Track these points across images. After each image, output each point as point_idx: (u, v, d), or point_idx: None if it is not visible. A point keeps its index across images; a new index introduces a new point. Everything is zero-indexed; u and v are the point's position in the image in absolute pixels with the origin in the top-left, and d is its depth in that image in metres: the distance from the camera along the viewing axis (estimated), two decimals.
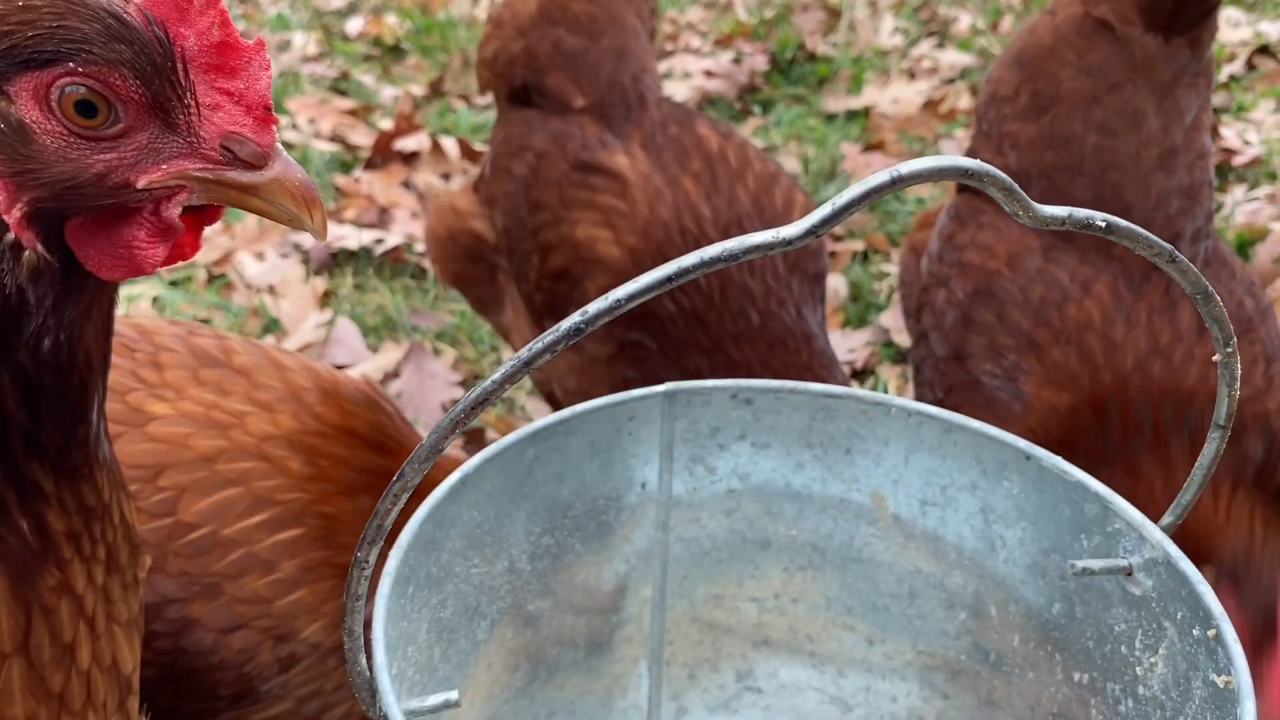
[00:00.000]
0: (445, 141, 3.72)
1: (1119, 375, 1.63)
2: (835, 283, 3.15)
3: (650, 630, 1.37)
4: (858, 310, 3.06)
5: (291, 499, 1.38)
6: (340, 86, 4.42)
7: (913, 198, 3.56)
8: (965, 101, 4.21)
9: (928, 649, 1.33)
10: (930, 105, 4.15)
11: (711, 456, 1.29)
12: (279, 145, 0.82)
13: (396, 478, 0.72)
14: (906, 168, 0.62)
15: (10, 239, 0.78)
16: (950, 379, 1.80)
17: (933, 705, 1.35)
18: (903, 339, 2.90)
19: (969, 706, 1.32)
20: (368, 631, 0.87)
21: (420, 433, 1.57)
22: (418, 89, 4.39)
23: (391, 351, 2.77)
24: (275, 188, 0.80)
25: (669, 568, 1.34)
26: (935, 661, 1.33)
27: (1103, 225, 0.72)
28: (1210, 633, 0.98)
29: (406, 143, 3.70)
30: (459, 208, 2.27)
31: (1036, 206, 0.69)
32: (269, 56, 0.82)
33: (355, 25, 4.93)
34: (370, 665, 0.83)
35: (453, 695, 0.88)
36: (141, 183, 0.80)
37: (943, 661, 1.33)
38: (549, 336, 0.63)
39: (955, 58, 4.62)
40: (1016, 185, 0.67)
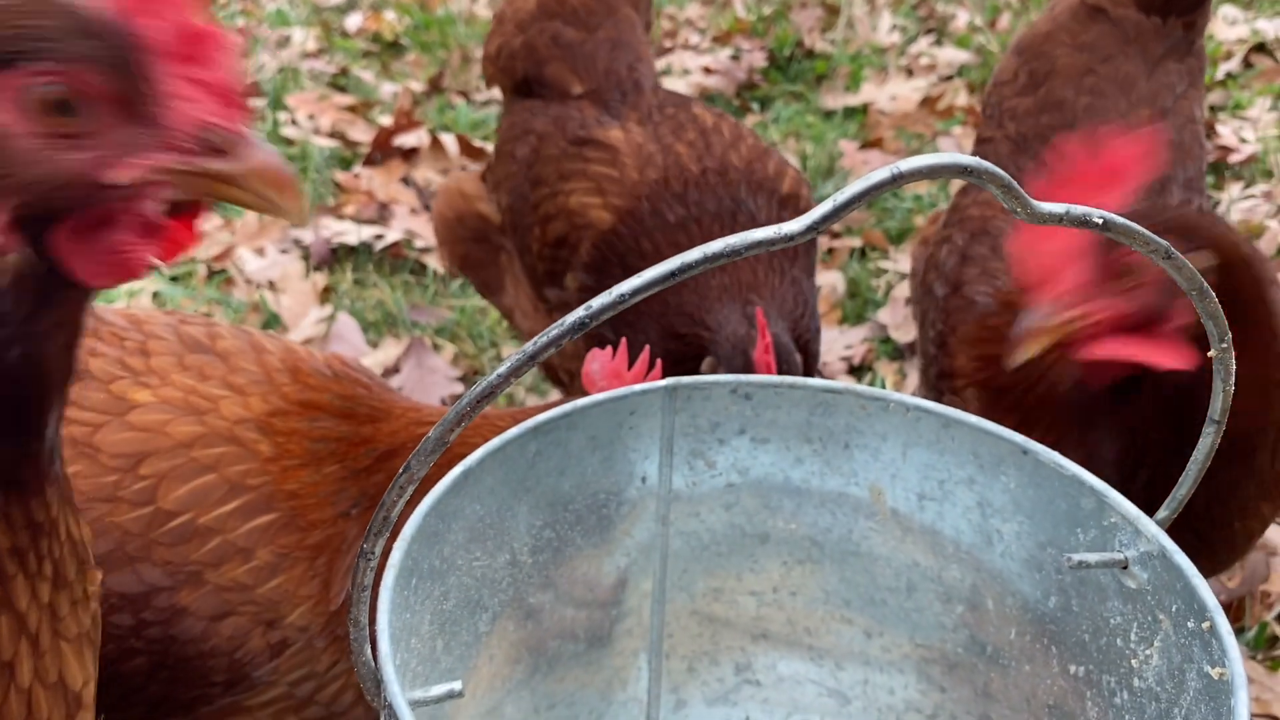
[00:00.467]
0: (445, 138, 3.72)
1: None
2: (833, 279, 3.16)
3: (650, 623, 1.38)
4: (855, 307, 3.07)
5: (261, 483, 1.38)
6: (339, 83, 4.42)
7: (910, 195, 3.57)
8: (963, 98, 4.22)
9: (925, 642, 1.34)
10: (928, 102, 4.16)
11: (711, 451, 1.31)
12: (253, 132, 0.81)
13: (403, 470, 0.73)
14: (907, 165, 0.63)
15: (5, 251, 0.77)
16: (949, 310, 1.86)
17: (930, 698, 1.37)
18: (900, 335, 2.91)
19: (966, 699, 1.33)
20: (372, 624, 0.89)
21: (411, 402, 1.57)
22: (417, 85, 4.39)
23: (392, 347, 2.78)
24: (251, 175, 0.79)
25: (669, 561, 1.35)
26: (932, 654, 1.34)
27: (1099, 222, 0.73)
28: (1205, 625, 1.00)
29: (406, 139, 3.70)
30: (466, 191, 2.37)
31: (1034, 203, 0.70)
32: (237, 42, 0.82)
33: (354, 21, 4.93)
34: (375, 656, 0.84)
35: (456, 685, 0.89)
36: (120, 180, 0.79)
37: (940, 654, 1.34)
38: (553, 331, 0.64)
39: (953, 55, 4.63)
40: (1015, 182, 0.68)
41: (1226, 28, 4.68)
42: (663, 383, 1.26)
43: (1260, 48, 4.57)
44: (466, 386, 2.71)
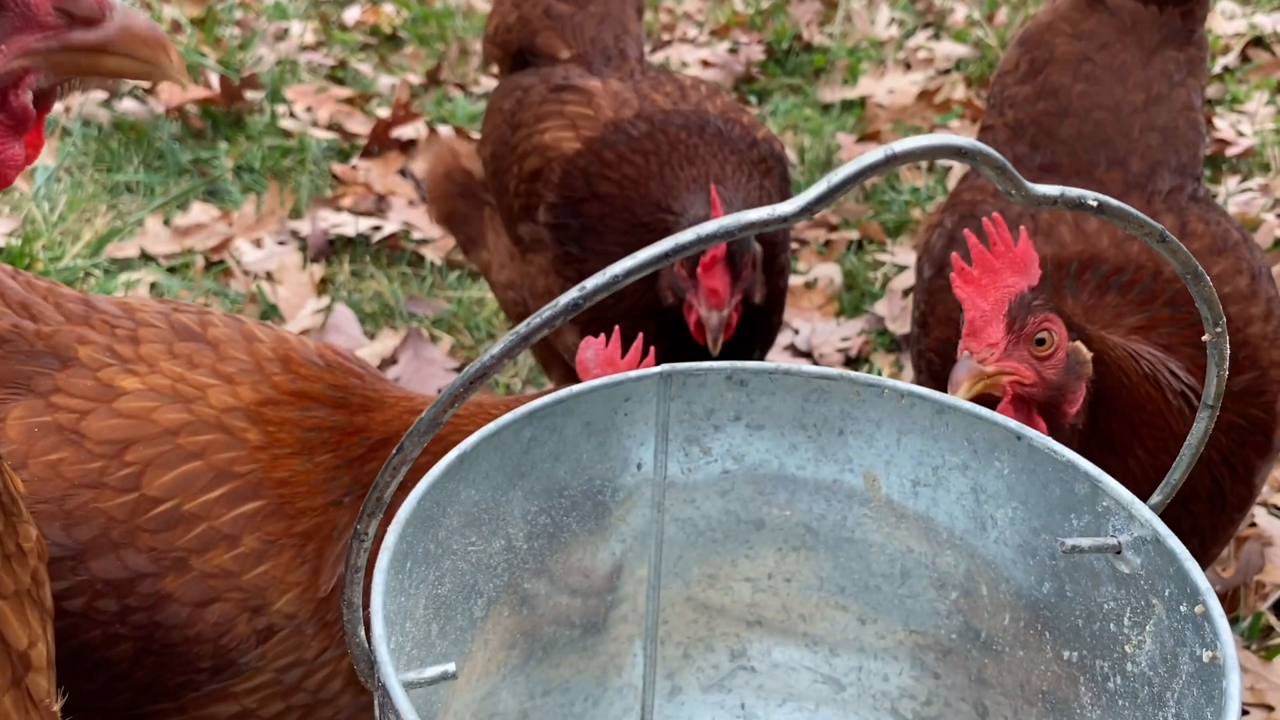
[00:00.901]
0: (443, 130, 3.72)
1: (1089, 251, 1.71)
2: (830, 272, 3.16)
3: (645, 610, 1.38)
4: (852, 299, 3.07)
5: (248, 471, 1.38)
6: (338, 75, 4.42)
7: (907, 187, 3.58)
8: (960, 92, 4.22)
9: (919, 628, 1.35)
10: (925, 96, 4.16)
11: (706, 437, 1.31)
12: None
13: (396, 451, 0.73)
14: (901, 146, 0.64)
15: None
16: (931, 290, 1.89)
17: (924, 684, 1.37)
18: (897, 327, 2.91)
19: (960, 685, 1.33)
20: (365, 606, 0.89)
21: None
22: (415, 78, 4.39)
23: (389, 338, 2.78)
24: (124, 38, 0.75)
25: (664, 548, 1.36)
26: (927, 641, 1.35)
27: (1094, 204, 0.74)
28: (1197, 609, 1.00)
29: (404, 131, 3.70)
30: (456, 149, 2.56)
31: (1029, 185, 0.70)
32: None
33: (353, 14, 4.93)
34: (369, 637, 0.85)
35: (450, 667, 0.89)
36: None
37: (934, 641, 1.34)
38: (546, 313, 0.64)
39: (951, 49, 4.63)
40: (1009, 164, 0.68)
41: (1224, 22, 4.69)
42: (658, 369, 1.26)
43: (1258, 42, 4.58)
44: None
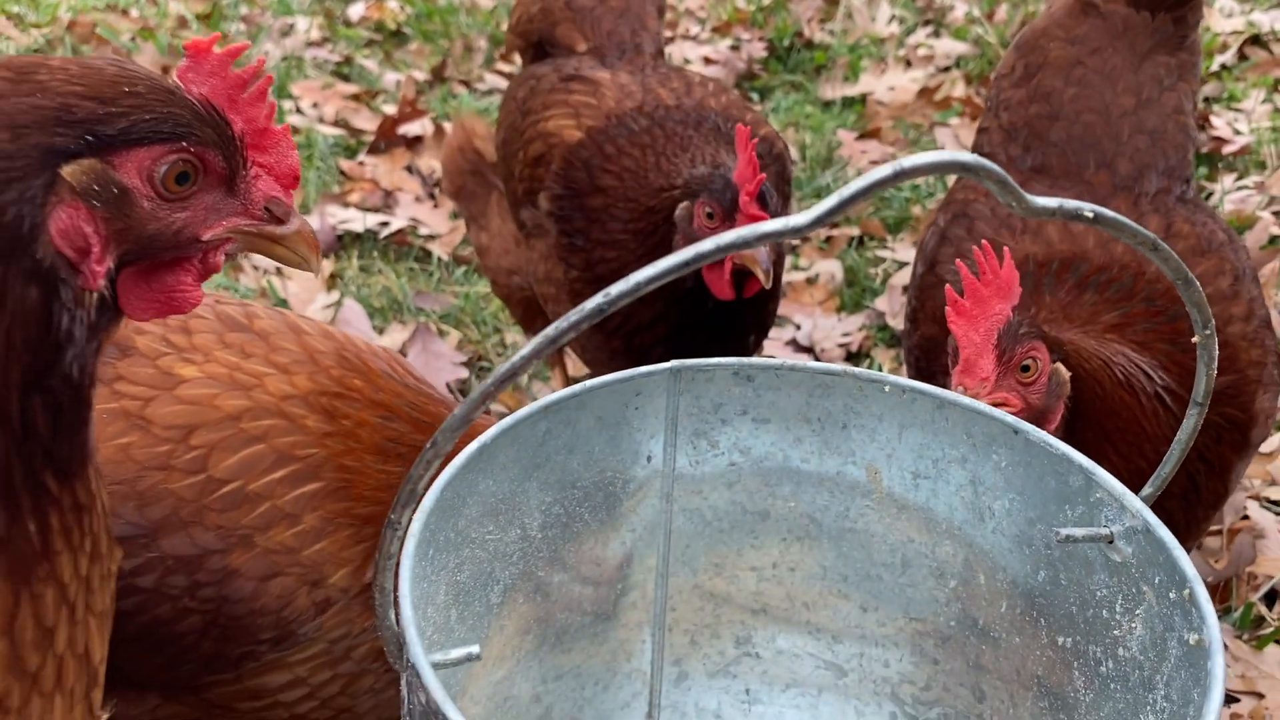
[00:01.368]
0: (448, 126, 3.76)
1: (1075, 251, 1.76)
2: (831, 268, 3.20)
3: (654, 598, 1.43)
4: (853, 295, 3.11)
5: (309, 454, 1.45)
6: (343, 71, 4.45)
7: (908, 185, 3.62)
8: (960, 90, 4.25)
9: (919, 616, 1.39)
10: (925, 93, 4.20)
11: (714, 431, 1.35)
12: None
13: (430, 444, 0.77)
14: (908, 162, 0.68)
15: (85, 284, 0.90)
16: (922, 286, 1.94)
17: (923, 670, 1.42)
18: (897, 323, 2.96)
19: (958, 670, 1.38)
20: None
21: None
22: (420, 74, 4.43)
23: (398, 332, 2.82)
24: (297, 238, 1.02)
25: (672, 538, 1.40)
26: (926, 628, 1.39)
27: (1090, 215, 0.78)
28: (1185, 594, 1.05)
29: (410, 127, 3.74)
30: (471, 127, 2.64)
31: (1028, 197, 0.75)
32: (292, 138, 1.04)
33: (357, 10, 4.96)
34: (398, 620, 0.89)
35: (474, 649, 0.94)
36: (206, 236, 0.99)
37: (933, 628, 1.39)
38: (573, 316, 0.69)
39: (951, 46, 4.66)
40: (1010, 178, 0.72)
41: (1223, 20, 4.72)
42: (668, 365, 1.30)
43: (1255, 40, 4.61)
44: (471, 371, 2.75)
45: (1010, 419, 1.25)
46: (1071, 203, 0.76)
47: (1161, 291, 1.64)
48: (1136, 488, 1.15)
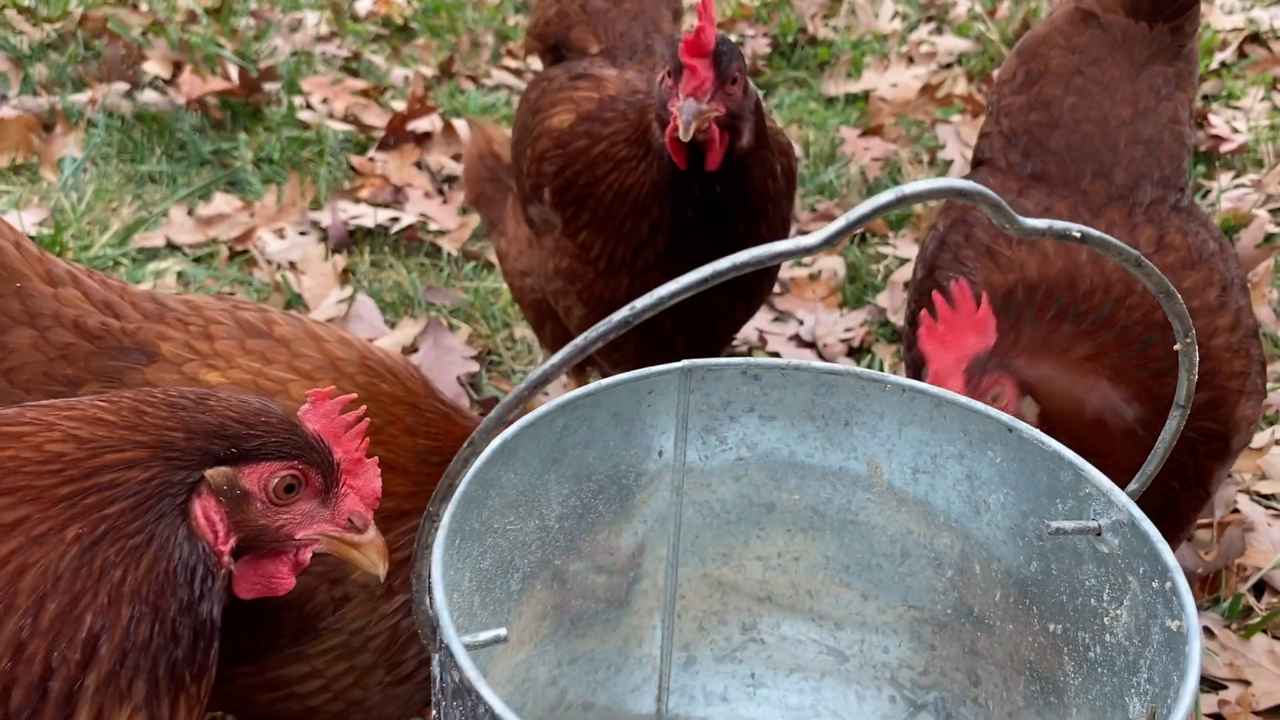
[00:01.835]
0: (457, 123, 3.81)
1: (1069, 267, 1.81)
2: (833, 264, 3.26)
3: (664, 586, 1.49)
4: (855, 291, 3.17)
5: None
6: (351, 66, 4.50)
7: (910, 181, 3.67)
8: (961, 86, 4.31)
9: (917, 604, 1.45)
10: (927, 90, 4.25)
11: (723, 427, 1.41)
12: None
13: (467, 444, 0.84)
14: (910, 188, 0.74)
15: (218, 562, 1.20)
16: (921, 291, 2.01)
17: (921, 655, 1.48)
18: (898, 319, 3.02)
19: (954, 656, 1.44)
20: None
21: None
22: (427, 70, 4.48)
23: (409, 327, 2.88)
24: (370, 546, 1.28)
25: (682, 529, 1.46)
26: (924, 616, 1.46)
27: (1078, 236, 0.84)
28: (1167, 585, 1.11)
29: (419, 124, 3.79)
30: (490, 134, 2.68)
31: (1020, 219, 0.81)
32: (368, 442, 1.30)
33: (364, 4, 5.01)
34: (432, 604, 0.96)
35: (502, 632, 1.00)
36: (299, 535, 1.25)
37: (931, 616, 1.45)
38: (601, 328, 0.75)
39: (953, 43, 4.71)
40: (1004, 203, 0.79)
41: (1223, 16, 4.76)
42: (679, 364, 1.37)
43: (1255, 38, 4.66)
44: (481, 365, 2.82)
45: (1005, 417, 1.31)
46: (1060, 224, 0.82)
47: (1139, 319, 1.70)
48: None
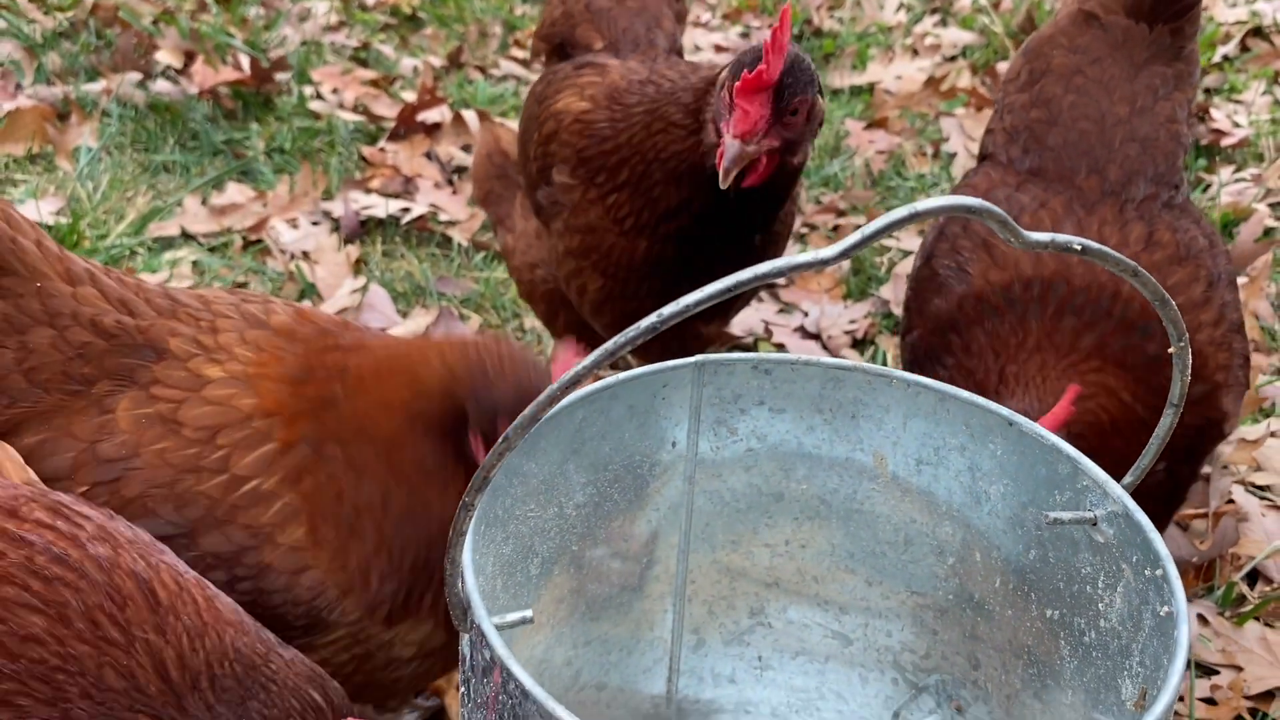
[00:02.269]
0: (466, 114, 3.85)
1: (1060, 264, 1.85)
2: None
3: (675, 572, 1.55)
4: (859, 283, 3.22)
5: (300, 450, 1.50)
6: (360, 56, 4.54)
7: (914, 173, 3.72)
8: (965, 80, 4.34)
9: (920, 590, 1.51)
10: (932, 82, 4.28)
11: (734, 419, 1.47)
12: None
13: (502, 439, 0.89)
14: (923, 205, 0.80)
15: None
16: (918, 279, 2.06)
17: (923, 640, 1.54)
18: (901, 310, 3.07)
19: (955, 640, 1.50)
20: None
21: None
22: (436, 60, 4.51)
23: (421, 316, 2.94)
24: None
25: (693, 517, 1.52)
26: (926, 601, 1.51)
27: (1078, 248, 0.89)
28: (1158, 572, 1.17)
29: (429, 114, 3.83)
30: (497, 133, 2.73)
31: (1024, 233, 0.86)
32: None
33: None
34: (463, 587, 1.01)
35: (528, 614, 1.06)
36: None
37: (932, 601, 1.51)
38: (630, 333, 0.80)
39: (957, 35, 4.74)
40: (1010, 218, 0.84)
41: (1226, 9, 4.79)
42: (692, 359, 1.42)
43: (1257, 31, 4.68)
44: None
45: (1005, 412, 1.36)
46: (1061, 236, 0.87)
47: (1137, 310, 1.75)
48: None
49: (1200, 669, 2.08)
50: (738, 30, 4.84)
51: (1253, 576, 2.30)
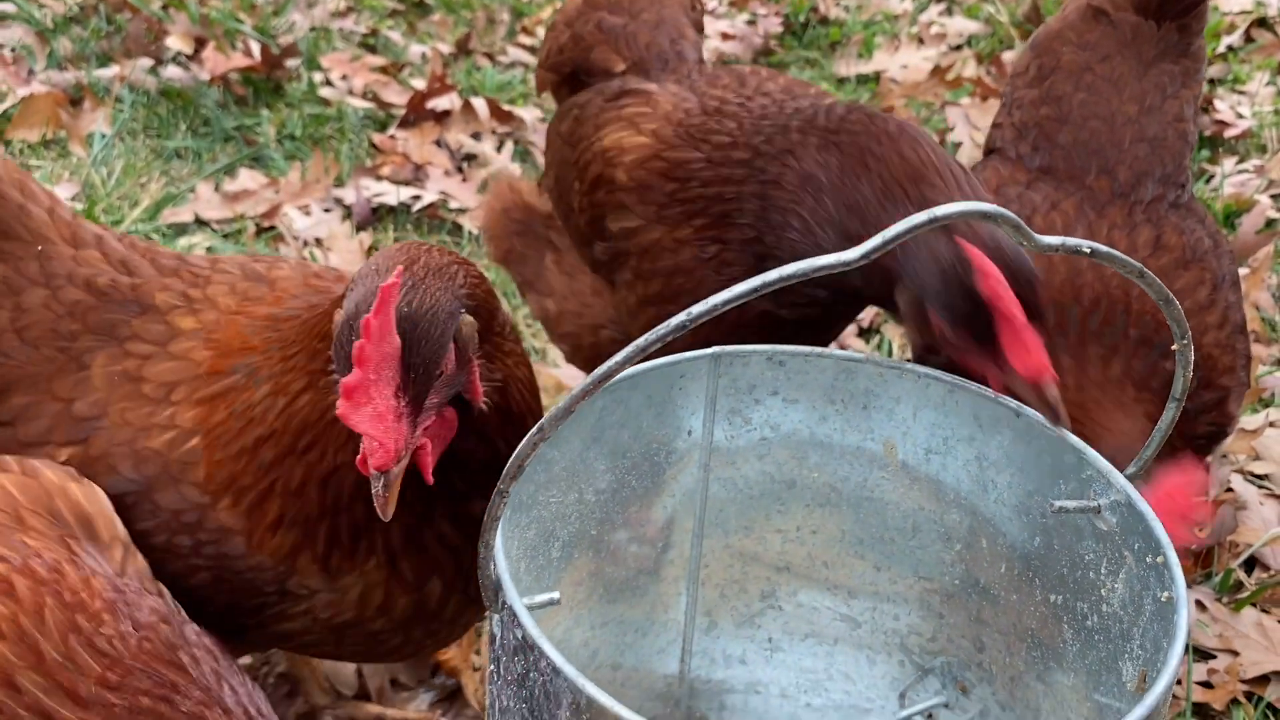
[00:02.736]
0: (476, 101, 3.88)
1: (1070, 274, 1.86)
2: None
3: (690, 556, 1.59)
4: None
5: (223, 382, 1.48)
6: (369, 42, 4.56)
7: None
8: (971, 69, 4.36)
9: (927, 575, 1.56)
10: (937, 71, 4.30)
11: (748, 409, 1.51)
12: None
13: (536, 429, 0.93)
14: (941, 210, 0.84)
15: None
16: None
17: (929, 623, 1.58)
18: None
19: (961, 624, 1.55)
20: None
21: None
22: (444, 46, 4.53)
23: None
24: None
25: (708, 503, 1.56)
26: (933, 586, 1.56)
27: (1088, 251, 0.93)
28: (1159, 559, 1.21)
29: (438, 102, 3.86)
30: (515, 185, 2.45)
31: (1038, 237, 0.90)
32: None
33: None
34: (495, 569, 1.06)
35: (555, 595, 1.11)
36: None
37: (939, 586, 1.55)
38: (660, 330, 0.84)
39: (963, 24, 4.76)
40: (1024, 223, 0.88)
41: (1230, 0, 4.80)
42: (709, 351, 1.46)
43: (1262, 22, 4.70)
44: None
45: (1013, 403, 1.41)
46: (1073, 240, 0.91)
47: (1152, 326, 1.77)
48: None
49: (1198, 653, 2.13)
50: (744, 18, 4.86)
51: (1250, 563, 2.34)
